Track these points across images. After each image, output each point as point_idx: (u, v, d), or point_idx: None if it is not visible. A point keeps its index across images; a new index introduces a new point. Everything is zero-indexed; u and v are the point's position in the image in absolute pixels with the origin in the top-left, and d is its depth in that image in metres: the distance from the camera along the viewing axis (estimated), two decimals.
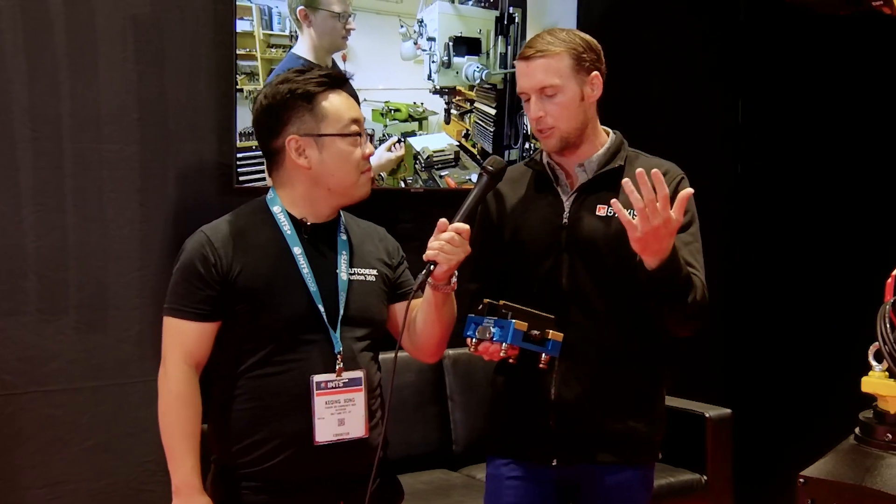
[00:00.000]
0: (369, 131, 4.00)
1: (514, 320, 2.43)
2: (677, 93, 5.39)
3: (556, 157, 2.76)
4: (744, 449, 4.81)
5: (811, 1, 1.79)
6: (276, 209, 2.58)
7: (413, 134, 4.41)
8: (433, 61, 4.44)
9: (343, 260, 2.60)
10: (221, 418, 2.54)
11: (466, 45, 4.50)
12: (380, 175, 4.30)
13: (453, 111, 4.51)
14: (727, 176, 5.65)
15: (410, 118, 4.40)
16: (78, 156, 3.72)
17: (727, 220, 5.55)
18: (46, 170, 3.67)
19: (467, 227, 2.52)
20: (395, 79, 4.35)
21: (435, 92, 4.45)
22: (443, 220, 2.51)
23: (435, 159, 4.46)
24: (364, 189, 2.59)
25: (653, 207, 2.35)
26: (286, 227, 2.56)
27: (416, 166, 4.44)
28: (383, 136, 4.32)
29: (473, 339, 2.49)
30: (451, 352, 4.42)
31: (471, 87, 4.53)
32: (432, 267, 2.50)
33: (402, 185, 4.41)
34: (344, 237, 2.63)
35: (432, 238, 2.50)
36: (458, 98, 4.53)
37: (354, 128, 2.54)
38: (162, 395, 2.51)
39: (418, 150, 4.44)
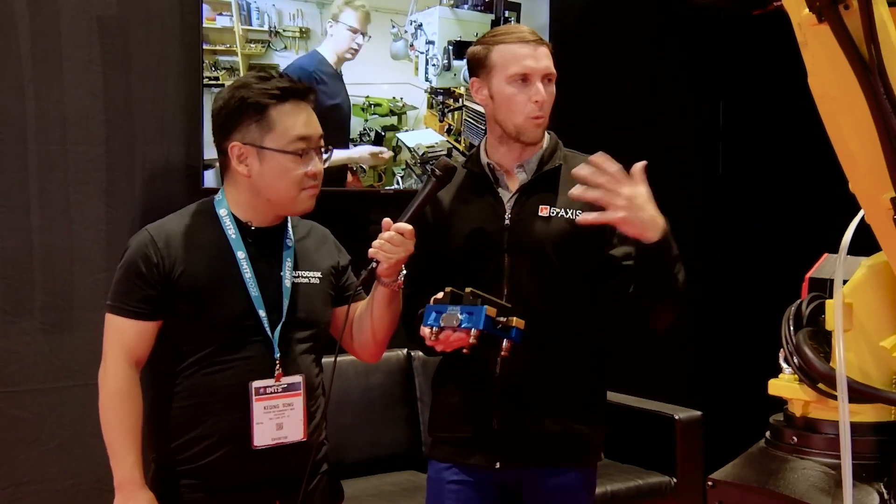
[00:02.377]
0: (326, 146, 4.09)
1: (485, 305, 2.40)
2: (657, 95, 5.37)
3: (495, 156, 2.75)
4: (714, 451, 4.78)
5: (717, 3, 1.78)
6: (222, 212, 2.58)
7: (393, 128, 4.47)
8: (433, 64, 4.54)
9: (287, 265, 2.60)
10: (160, 415, 2.55)
11: (463, 48, 4.54)
12: (361, 167, 4.34)
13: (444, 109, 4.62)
14: (707, 178, 5.64)
15: (391, 113, 4.46)
16: (43, 157, 3.75)
17: (706, 222, 5.54)
18: (11, 171, 3.70)
19: (410, 227, 2.54)
20: (376, 74, 4.41)
21: (432, 92, 4.55)
22: (386, 220, 2.54)
23: (430, 155, 4.52)
24: (304, 205, 2.57)
25: (612, 185, 2.33)
26: (231, 231, 2.56)
27: (410, 161, 4.51)
28: (364, 129, 4.38)
29: (434, 328, 2.43)
30: (420, 353, 4.41)
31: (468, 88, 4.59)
32: (374, 265, 2.53)
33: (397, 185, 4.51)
34: (290, 242, 2.63)
35: (378, 237, 2.52)
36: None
37: (300, 145, 2.51)
38: (102, 391, 2.52)
39: (411, 146, 4.50)
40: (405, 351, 4.39)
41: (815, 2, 1.49)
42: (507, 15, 4.73)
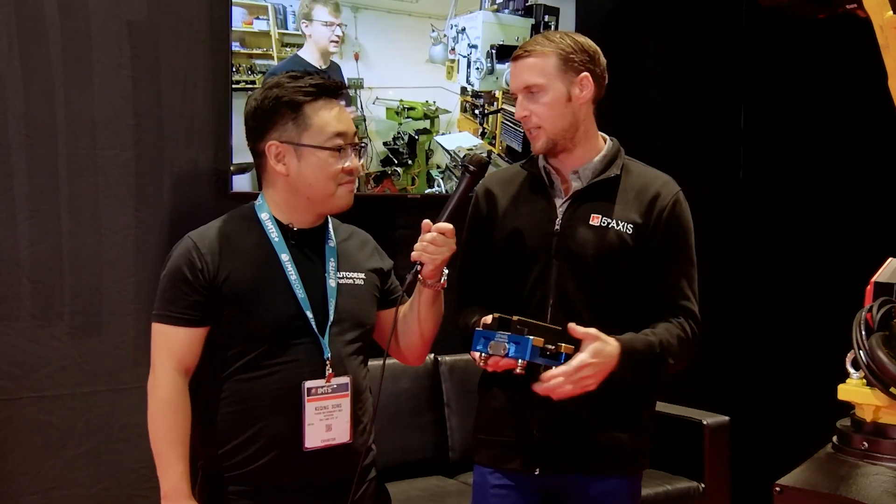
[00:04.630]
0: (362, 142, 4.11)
1: (531, 336, 2.40)
2: (679, 99, 5.38)
3: (552, 160, 2.73)
4: (741, 456, 4.79)
5: (785, 6, 1.77)
6: (263, 216, 2.57)
7: (426, 132, 4.49)
8: (477, 68, 4.59)
9: (331, 265, 2.59)
10: (207, 422, 2.53)
11: (506, 52, 4.60)
12: (395, 171, 4.40)
13: (476, 111, 4.65)
14: (729, 182, 5.64)
15: (425, 116, 4.48)
16: (72, 162, 3.74)
17: (728, 228, 5.53)
18: (41, 176, 3.68)
19: (450, 226, 2.54)
20: (406, 78, 4.43)
21: (473, 95, 4.59)
22: (426, 221, 2.53)
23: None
24: (343, 201, 2.57)
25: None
26: (273, 234, 2.56)
27: (450, 164, 4.54)
28: (398, 133, 4.39)
29: (482, 354, 2.45)
30: (447, 358, 4.42)
31: (505, 91, 4.63)
32: (419, 267, 2.54)
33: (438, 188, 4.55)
34: (332, 243, 2.63)
35: (419, 239, 2.52)
36: (470, 98, 4.63)
37: (338, 141, 2.52)
38: (151, 401, 2.51)
39: (451, 149, 4.53)
40: (432, 356, 4.38)
41: None
42: (546, 19, 4.76)
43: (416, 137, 4.46)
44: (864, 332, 1.81)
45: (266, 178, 2.59)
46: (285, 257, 2.54)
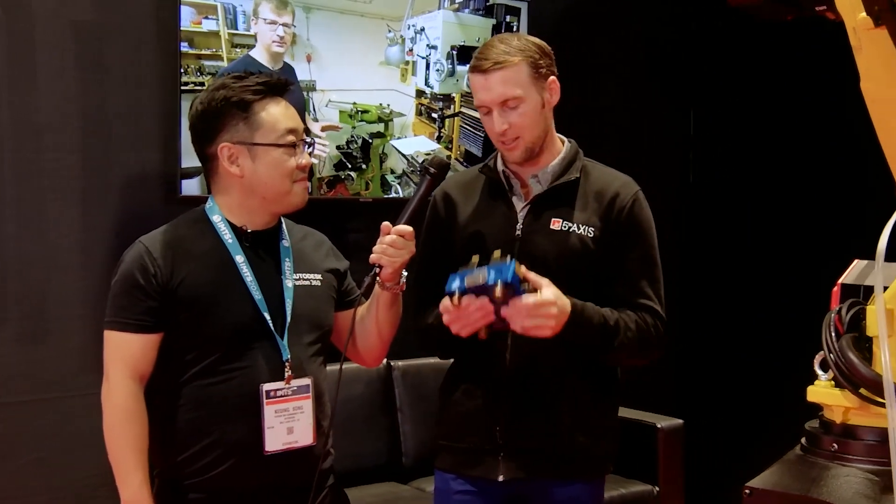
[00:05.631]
0: (310, 139, 4.03)
1: (514, 260, 2.33)
2: (629, 102, 5.39)
3: (512, 166, 2.71)
4: (696, 459, 4.80)
5: (755, 7, 1.77)
6: (215, 218, 2.54)
7: (380, 135, 4.42)
8: (437, 69, 4.51)
9: (287, 266, 2.56)
10: (165, 429, 2.49)
11: (467, 53, 4.55)
12: (350, 175, 4.31)
13: (434, 115, 4.58)
14: (679, 186, 5.66)
15: (379, 119, 4.42)
16: (18, 165, 3.66)
17: (679, 230, 5.55)
18: None
19: (410, 228, 2.52)
20: (360, 80, 4.36)
21: (434, 98, 4.53)
22: (385, 224, 2.52)
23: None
24: (298, 198, 2.55)
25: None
26: (227, 236, 2.52)
27: (408, 170, 4.47)
28: (351, 137, 4.33)
29: (457, 293, 2.35)
30: (400, 363, 4.39)
31: (465, 94, 4.59)
32: (378, 269, 2.51)
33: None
34: (286, 243, 2.60)
35: (377, 242, 2.50)
36: (426, 101, 4.58)
37: (290, 138, 2.50)
38: (107, 410, 2.46)
39: (409, 154, 4.47)
40: (386, 361, 4.34)
41: (872, 5, 1.48)
42: (508, 20, 4.71)
43: (370, 141, 4.40)
44: (833, 334, 1.81)
45: (217, 181, 2.55)
46: (240, 259, 2.50)
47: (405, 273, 2.58)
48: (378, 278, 2.54)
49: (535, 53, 2.62)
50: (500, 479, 2.65)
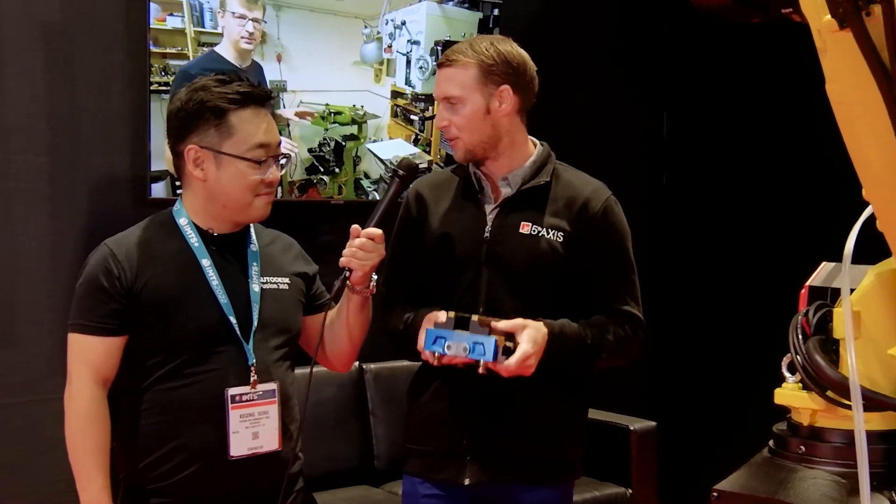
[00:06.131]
0: (287, 147, 3.92)
1: (494, 336, 2.39)
2: (602, 105, 5.39)
3: (481, 167, 2.71)
4: (668, 461, 4.80)
5: (721, 9, 1.76)
6: (182, 221, 2.52)
7: (353, 137, 4.33)
8: (420, 67, 4.38)
9: (254, 270, 2.55)
10: (128, 434, 2.48)
11: None
12: (322, 179, 4.25)
13: (412, 117, 4.50)
14: (652, 188, 5.66)
15: (352, 121, 4.33)
16: None
17: (651, 233, 5.54)
18: None
19: (380, 231, 2.52)
20: (332, 81, 4.27)
21: (415, 98, 4.41)
22: (355, 227, 2.52)
23: None
24: (259, 212, 2.53)
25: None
26: (193, 239, 2.51)
27: (384, 174, 4.38)
28: (324, 139, 4.25)
29: (437, 353, 2.43)
30: (372, 366, 4.37)
31: None
32: (348, 273, 2.51)
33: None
34: (254, 247, 2.59)
35: (347, 245, 2.49)
36: (404, 102, 4.50)
37: (259, 153, 2.47)
38: (69, 414, 2.45)
39: (386, 158, 4.39)
40: (357, 364, 4.32)
41: (837, 8, 1.47)
42: (496, 13, 4.61)
43: (344, 144, 4.31)
44: (800, 337, 1.81)
45: (184, 180, 2.55)
46: (206, 262, 2.49)
47: (375, 276, 2.58)
48: (348, 282, 2.53)
49: (492, 59, 2.61)
50: (467, 482, 2.65)
